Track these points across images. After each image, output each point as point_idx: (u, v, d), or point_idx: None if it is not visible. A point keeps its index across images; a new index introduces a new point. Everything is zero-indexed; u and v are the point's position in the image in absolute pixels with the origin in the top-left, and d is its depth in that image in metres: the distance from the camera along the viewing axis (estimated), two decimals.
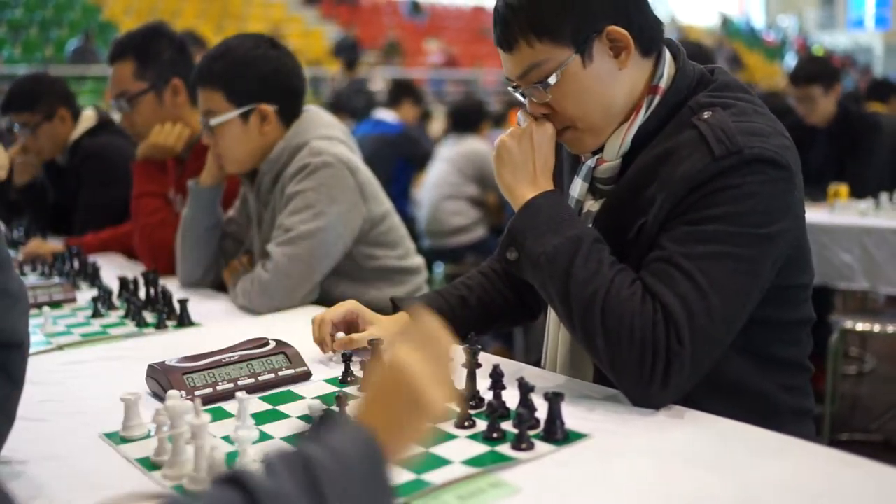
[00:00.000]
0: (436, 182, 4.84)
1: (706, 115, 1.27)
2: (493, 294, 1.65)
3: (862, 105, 5.26)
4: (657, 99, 1.34)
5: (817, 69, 4.05)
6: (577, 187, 1.41)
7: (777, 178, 1.22)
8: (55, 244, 2.72)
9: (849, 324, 3.09)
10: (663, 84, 1.34)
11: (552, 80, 1.31)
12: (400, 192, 5.07)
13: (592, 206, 1.39)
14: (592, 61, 1.31)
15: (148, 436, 1.18)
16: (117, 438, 1.17)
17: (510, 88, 1.41)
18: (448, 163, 4.84)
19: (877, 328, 3.12)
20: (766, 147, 1.22)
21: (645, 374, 1.18)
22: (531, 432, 1.10)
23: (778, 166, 1.22)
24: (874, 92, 6.11)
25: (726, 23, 25.58)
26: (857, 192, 3.62)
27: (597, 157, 1.38)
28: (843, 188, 3.57)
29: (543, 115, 1.37)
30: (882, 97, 5.81)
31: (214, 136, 2.07)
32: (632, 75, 1.33)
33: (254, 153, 2.09)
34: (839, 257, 3.17)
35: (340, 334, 1.54)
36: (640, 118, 1.33)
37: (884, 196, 3.47)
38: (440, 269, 4.69)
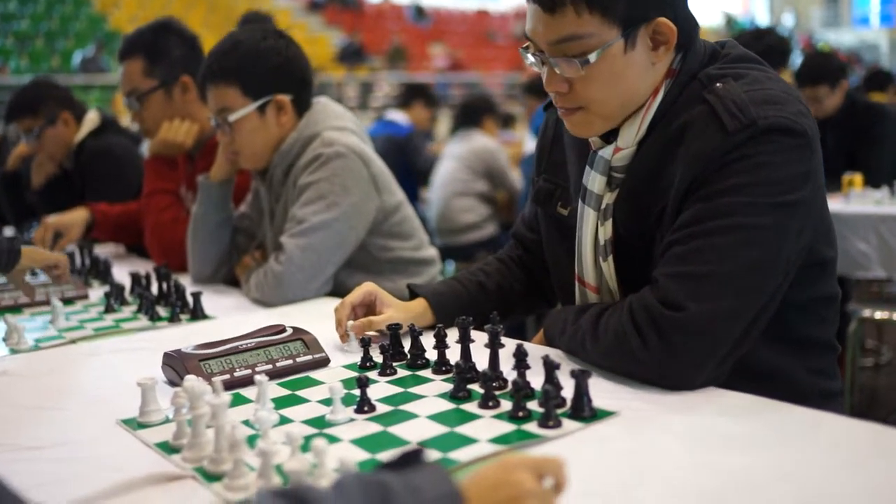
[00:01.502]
0: (445, 180, 4.81)
1: (717, 86, 1.24)
2: (511, 281, 1.64)
3: (864, 95, 5.23)
4: (671, 81, 1.30)
5: (822, 69, 3.94)
6: (596, 181, 1.35)
7: (793, 145, 1.19)
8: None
9: (867, 312, 3.06)
10: (676, 66, 1.31)
11: (592, 57, 1.24)
12: (408, 192, 5.04)
13: (610, 198, 1.34)
14: (634, 49, 1.25)
15: (166, 421, 1.15)
16: (134, 424, 1.15)
17: (529, 52, 1.33)
18: (456, 160, 4.81)
19: (895, 316, 3.09)
20: (781, 115, 1.18)
21: (639, 350, 1.16)
22: (558, 410, 1.08)
23: (794, 134, 1.19)
24: (872, 81, 6.09)
25: (730, 22, 25.53)
26: (869, 181, 3.58)
27: (612, 146, 1.33)
28: (858, 177, 3.53)
29: (556, 93, 1.31)
30: (881, 86, 5.79)
31: (232, 133, 2.03)
32: (658, 69, 1.29)
33: (271, 146, 2.06)
34: (855, 246, 3.13)
35: (349, 322, 1.50)
36: (656, 103, 1.29)
37: None
38: (451, 267, 4.67)
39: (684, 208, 1.22)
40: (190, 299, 1.85)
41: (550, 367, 1.10)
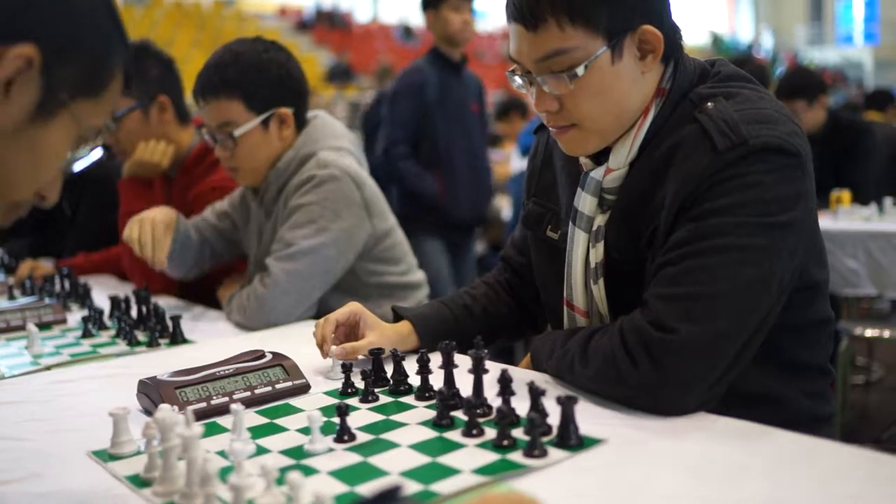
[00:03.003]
0: None
1: (708, 106, 1.21)
2: (497, 305, 1.61)
3: (860, 114, 5.26)
4: (661, 100, 1.28)
5: (800, 83, 3.98)
6: (587, 203, 1.32)
7: (785, 165, 1.16)
8: (46, 265, 2.66)
9: (857, 330, 3.04)
10: (665, 84, 1.28)
11: (580, 71, 1.21)
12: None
13: (602, 220, 1.31)
14: (621, 59, 1.23)
15: (138, 452, 1.11)
16: (106, 456, 1.11)
17: (515, 74, 1.30)
18: None
19: (886, 334, 3.07)
20: (773, 135, 1.16)
21: (630, 373, 1.13)
22: (544, 439, 1.04)
23: (786, 153, 1.16)
24: (873, 101, 6.11)
25: (717, 41, 25.73)
26: (857, 198, 3.59)
27: (603, 167, 1.30)
28: (846, 194, 3.53)
29: (547, 112, 1.29)
30: (880, 106, 5.80)
31: (234, 148, 1.96)
32: (648, 80, 1.27)
33: (271, 161, 2.02)
34: (844, 263, 3.12)
35: (332, 347, 1.47)
36: (647, 123, 1.27)
37: (888, 201, 3.44)
38: None
39: (675, 228, 1.19)
40: (169, 323, 1.80)
41: (536, 393, 1.06)
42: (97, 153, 0.91)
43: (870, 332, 3.09)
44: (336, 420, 1.12)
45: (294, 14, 19.96)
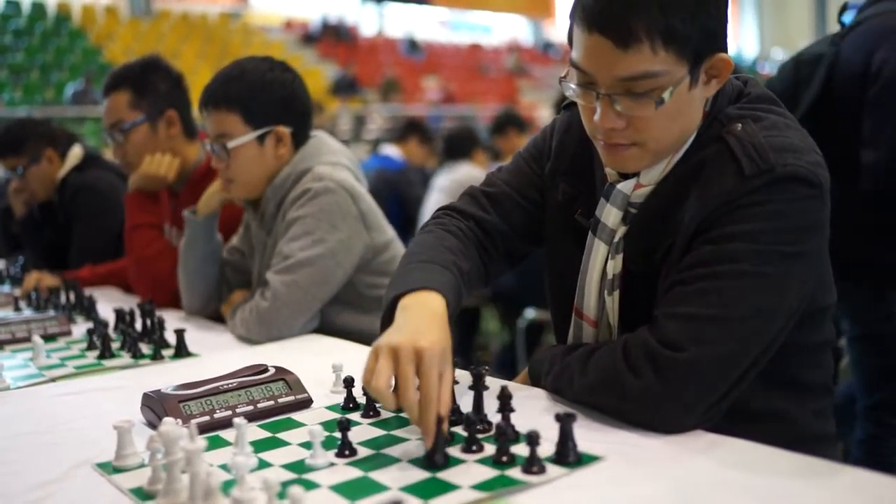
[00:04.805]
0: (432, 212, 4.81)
1: (737, 127, 1.21)
2: (471, 262, 1.43)
3: None
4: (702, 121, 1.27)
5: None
6: (612, 216, 1.30)
7: (808, 196, 1.17)
8: (52, 277, 2.68)
9: None
10: (708, 107, 1.27)
11: (666, 96, 1.16)
12: (400, 227, 5.03)
13: (622, 232, 1.30)
14: (696, 85, 1.20)
15: (142, 465, 1.12)
16: (110, 468, 1.12)
17: (573, 84, 1.23)
18: (443, 192, 4.82)
19: None
20: (799, 164, 1.16)
21: (632, 387, 1.14)
22: (542, 455, 1.05)
23: (810, 184, 1.17)
24: None
25: None
26: None
27: (632, 181, 1.28)
28: None
29: (611, 129, 1.22)
30: None
31: (228, 160, 2.02)
32: (705, 103, 1.26)
33: (266, 177, 2.05)
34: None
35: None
36: (689, 143, 1.26)
37: None
38: None
39: (692, 247, 1.20)
40: (174, 336, 1.82)
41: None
42: None
43: None
44: (337, 435, 1.13)
45: (300, 27, 20.05)
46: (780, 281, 1.16)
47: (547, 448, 1.05)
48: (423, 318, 1.18)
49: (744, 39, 29.64)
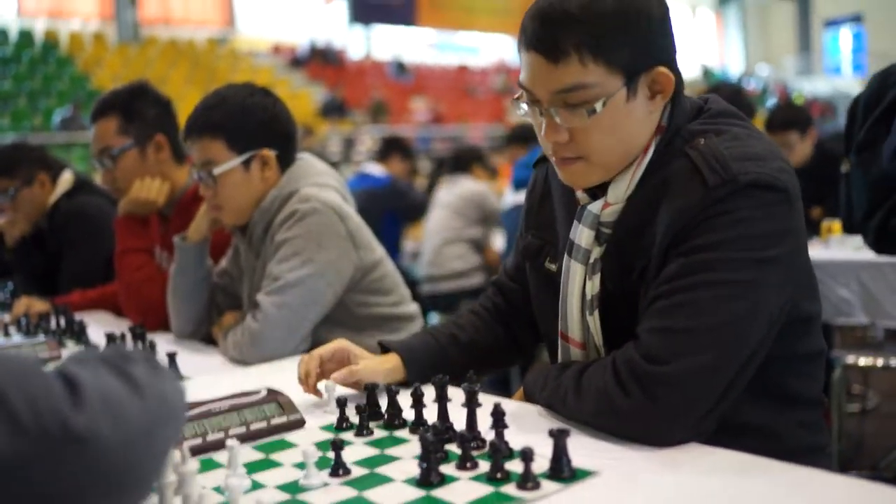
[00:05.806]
0: (436, 228, 4.85)
1: (699, 142, 1.24)
2: (484, 333, 1.61)
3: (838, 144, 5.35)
4: (660, 137, 1.30)
5: (793, 115, 4.20)
6: (584, 236, 1.33)
7: (774, 201, 1.19)
8: (42, 304, 2.67)
9: (851, 359, 3.05)
10: (665, 122, 1.30)
11: (598, 107, 1.22)
12: (390, 246, 5.05)
13: (598, 252, 1.33)
14: (635, 98, 1.24)
15: None
16: None
17: (521, 102, 1.30)
18: (447, 208, 4.85)
19: (880, 362, 3.08)
20: (761, 172, 1.18)
21: (622, 405, 1.15)
22: (537, 471, 1.05)
23: (774, 190, 1.19)
24: None
25: (707, 74, 26.04)
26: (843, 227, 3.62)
27: (601, 201, 1.31)
28: (837, 224, 3.56)
29: (555, 143, 1.28)
30: None
31: (215, 187, 2.02)
32: (653, 118, 1.29)
33: (254, 201, 2.06)
34: (836, 293, 3.14)
35: (335, 374, 1.47)
36: (647, 159, 1.29)
37: None
38: (434, 319, 4.65)
39: (667, 262, 1.22)
40: (165, 359, 1.81)
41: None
42: None
43: (863, 361, 3.10)
44: (331, 454, 1.13)
45: (288, 51, 20.12)
46: (755, 287, 1.17)
47: (541, 464, 1.05)
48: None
49: (729, 56, 29.93)
